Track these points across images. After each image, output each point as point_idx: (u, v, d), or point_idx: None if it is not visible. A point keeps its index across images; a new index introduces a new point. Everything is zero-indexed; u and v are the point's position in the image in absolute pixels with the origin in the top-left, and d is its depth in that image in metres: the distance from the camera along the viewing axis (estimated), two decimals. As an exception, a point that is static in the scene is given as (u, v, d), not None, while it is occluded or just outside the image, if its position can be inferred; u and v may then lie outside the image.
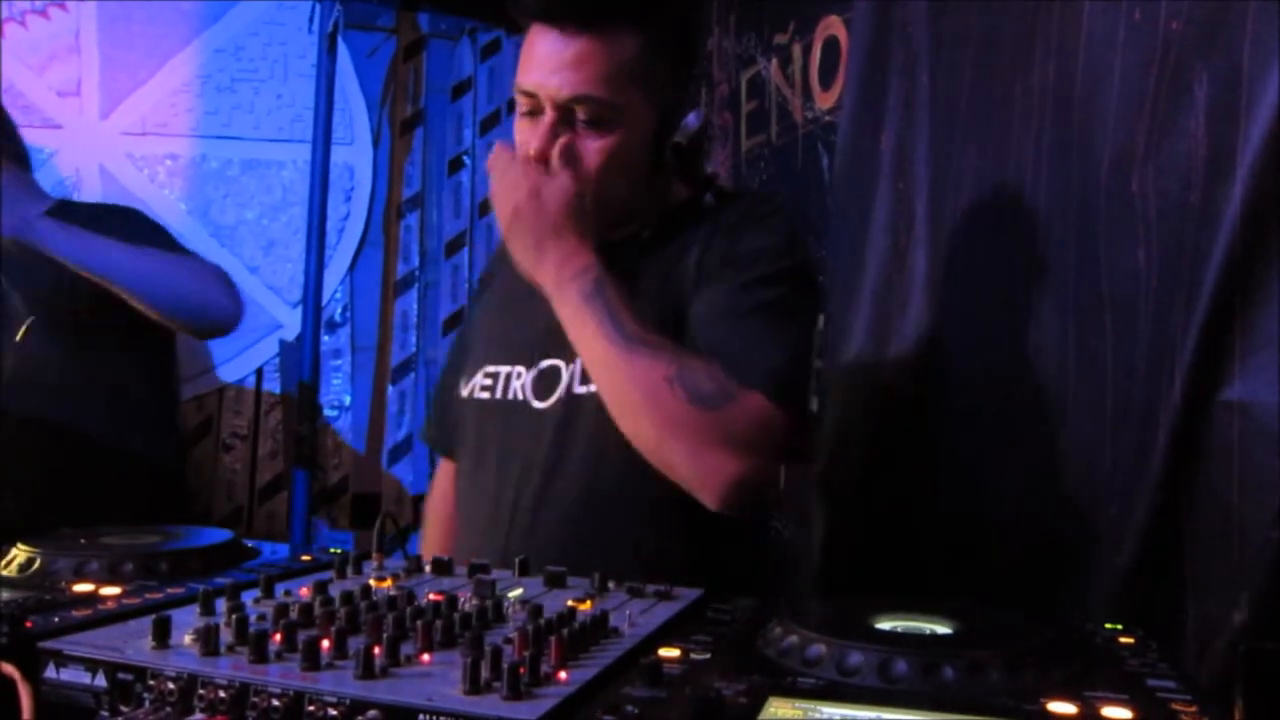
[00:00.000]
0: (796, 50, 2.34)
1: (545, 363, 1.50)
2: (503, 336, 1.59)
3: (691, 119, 1.46)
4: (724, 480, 1.29)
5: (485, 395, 1.55)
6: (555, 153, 1.39)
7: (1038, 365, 1.46)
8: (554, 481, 1.45)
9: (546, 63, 1.38)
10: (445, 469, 1.78)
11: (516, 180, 1.38)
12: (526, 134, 1.41)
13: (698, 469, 1.30)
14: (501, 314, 1.63)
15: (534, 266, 1.39)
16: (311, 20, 3.27)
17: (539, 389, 1.50)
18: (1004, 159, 1.56)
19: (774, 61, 2.47)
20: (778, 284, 1.39)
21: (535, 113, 1.41)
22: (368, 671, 0.74)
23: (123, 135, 3.32)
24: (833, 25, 2.18)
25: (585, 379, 1.43)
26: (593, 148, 1.40)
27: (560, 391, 1.47)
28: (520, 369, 1.53)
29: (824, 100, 2.21)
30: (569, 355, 1.46)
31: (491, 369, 1.56)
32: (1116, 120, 1.31)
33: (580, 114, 1.38)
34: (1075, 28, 1.40)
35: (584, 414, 1.44)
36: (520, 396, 1.51)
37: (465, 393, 1.59)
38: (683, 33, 1.50)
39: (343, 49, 3.31)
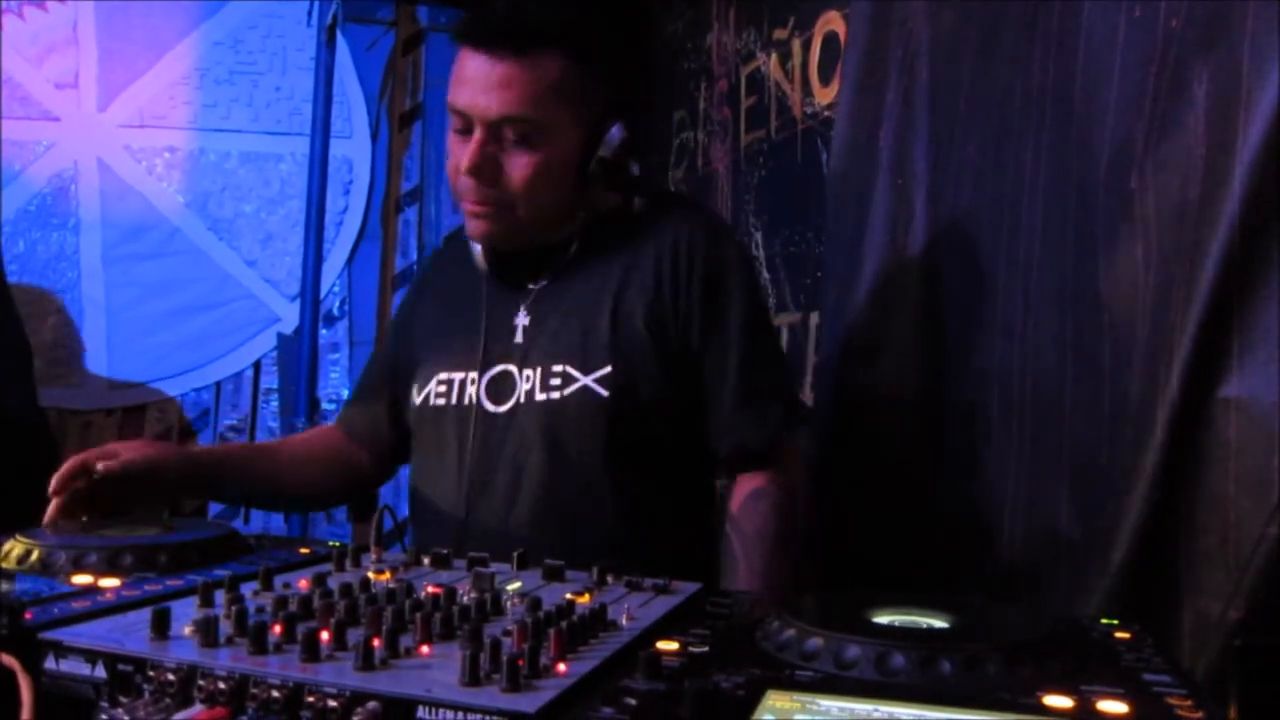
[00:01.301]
0: (796, 45, 2.34)
1: (497, 368, 1.57)
2: (452, 344, 1.65)
3: (614, 132, 1.53)
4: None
5: (441, 401, 1.61)
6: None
7: (1035, 362, 1.47)
8: (513, 481, 1.52)
9: (475, 83, 1.46)
10: (326, 427, 1.91)
11: None
12: (458, 151, 1.50)
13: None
14: (448, 321, 1.68)
15: None
16: (310, 13, 3.27)
17: (493, 393, 1.57)
18: (1003, 156, 1.56)
19: (773, 57, 2.47)
20: (755, 313, 1.58)
21: (467, 130, 1.48)
22: (367, 663, 0.74)
23: (121, 128, 3.32)
24: (832, 20, 2.18)
25: (546, 386, 1.52)
26: (520, 163, 1.48)
27: (518, 396, 1.54)
28: (473, 374, 1.59)
29: (823, 95, 2.21)
30: (520, 361, 1.56)
31: (445, 375, 1.62)
32: (1116, 118, 1.31)
33: (508, 132, 1.46)
34: (1075, 25, 1.39)
35: (544, 420, 1.52)
36: (474, 401, 1.57)
37: (419, 400, 1.64)
38: (607, 53, 1.58)
39: (341, 42, 3.31)
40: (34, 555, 1.10)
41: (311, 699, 0.71)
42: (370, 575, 1.06)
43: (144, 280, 3.33)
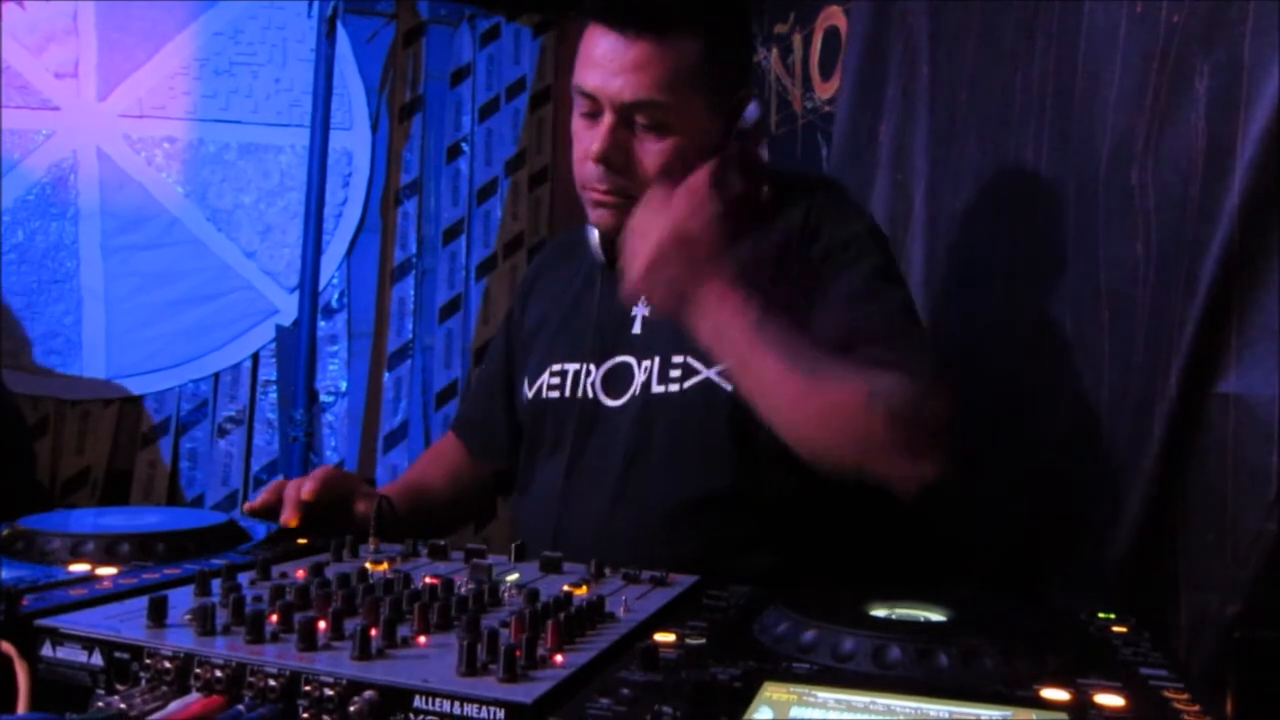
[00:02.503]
0: (797, 40, 2.34)
1: (614, 360, 1.49)
2: (565, 335, 1.57)
3: (751, 110, 1.44)
4: (928, 478, 1.22)
5: (555, 394, 1.53)
6: (701, 183, 1.30)
7: (1035, 356, 1.47)
8: (632, 481, 1.42)
9: (607, 65, 1.35)
10: (450, 440, 1.77)
11: (655, 215, 1.27)
12: (585, 136, 1.40)
13: (905, 474, 1.22)
14: (562, 313, 1.60)
15: (686, 304, 1.25)
16: (311, 5, 3.26)
17: (610, 386, 1.48)
18: (1003, 150, 1.56)
19: (774, 51, 2.46)
20: (882, 254, 1.39)
21: (594, 114, 1.38)
22: (364, 652, 0.74)
23: (120, 117, 3.32)
24: (833, 15, 2.18)
25: (664, 378, 1.41)
26: (652, 151, 1.37)
27: (635, 389, 1.45)
28: (590, 366, 1.50)
29: (824, 90, 2.21)
30: (638, 352, 1.46)
31: (558, 367, 1.54)
32: (1116, 113, 1.31)
33: (641, 118, 1.36)
34: (1076, 20, 1.39)
35: (663, 414, 1.42)
36: (591, 394, 1.49)
37: (531, 393, 1.57)
38: (743, 35, 1.49)
39: (342, 34, 3.30)
40: (32, 543, 1.10)
41: (308, 688, 0.71)
42: (368, 566, 1.06)
43: (143, 270, 3.32)
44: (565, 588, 0.98)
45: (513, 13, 3.59)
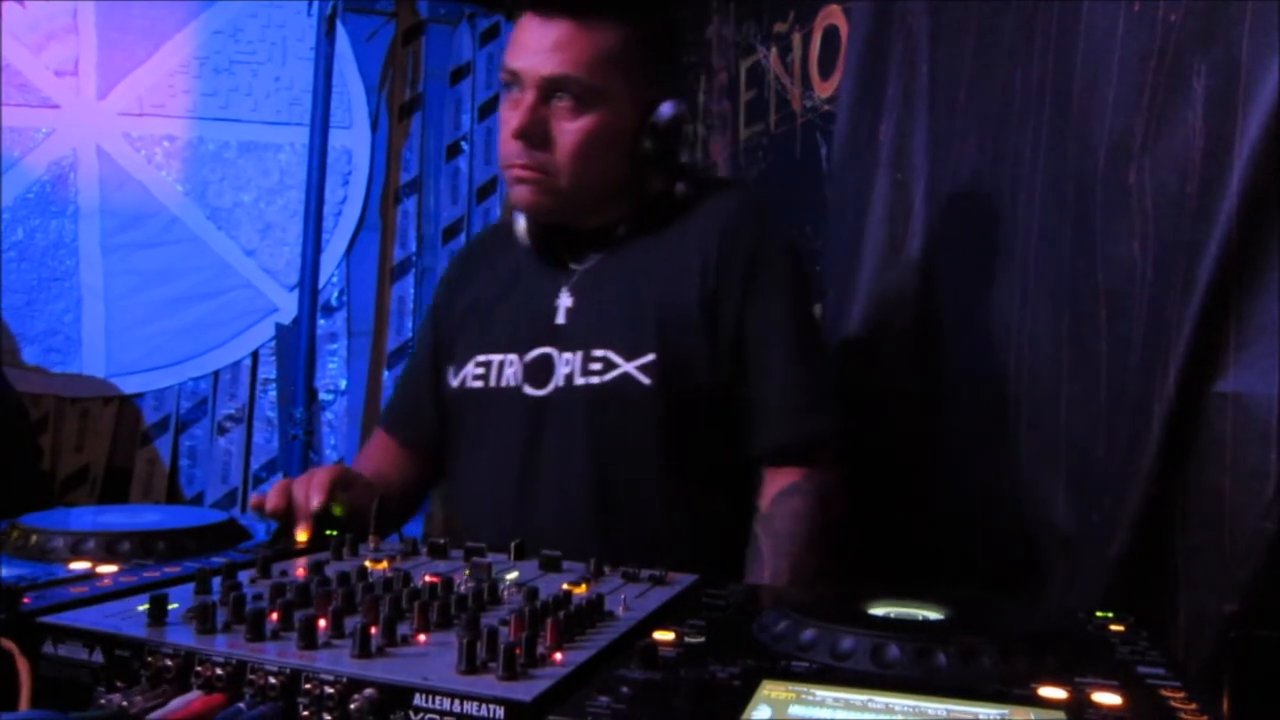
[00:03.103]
0: (796, 39, 2.34)
1: (537, 351, 1.52)
2: (490, 324, 1.60)
3: (667, 107, 1.50)
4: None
5: (479, 384, 1.56)
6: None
7: (1032, 356, 1.47)
8: (556, 470, 1.47)
9: (531, 45, 1.44)
10: (381, 437, 1.77)
11: None
12: (509, 116, 1.47)
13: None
14: (488, 306, 1.63)
15: None
16: (310, 3, 3.27)
17: (533, 376, 1.51)
18: (1002, 150, 1.56)
19: (773, 50, 2.46)
20: (802, 303, 1.53)
21: (518, 94, 1.46)
22: (364, 650, 0.74)
23: (120, 116, 3.32)
24: (832, 14, 2.18)
25: (586, 370, 1.46)
26: (571, 128, 1.45)
27: (558, 380, 1.49)
28: (512, 357, 1.54)
29: (823, 89, 2.21)
30: (562, 344, 1.50)
31: (483, 358, 1.57)
32: (1114, 112, 1.32)
33: (559, 97, 1.44)
34: (1074, 19, 1.40)
35: (587, 405, 1.46)
36: (513, 384, 1.52)
37: (456, 383, 1.59)
38: (666, 27, 1.56)
39: (341, 33, 3.31)
40: (33, 541, 1.10)
41: (309, 685, 0.71)
42: (368, 564, 1.06)
43: (142, 268, 3.33)
44: (564, 586, 0.98)
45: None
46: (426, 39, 3.57)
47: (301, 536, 1.28)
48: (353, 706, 0.69)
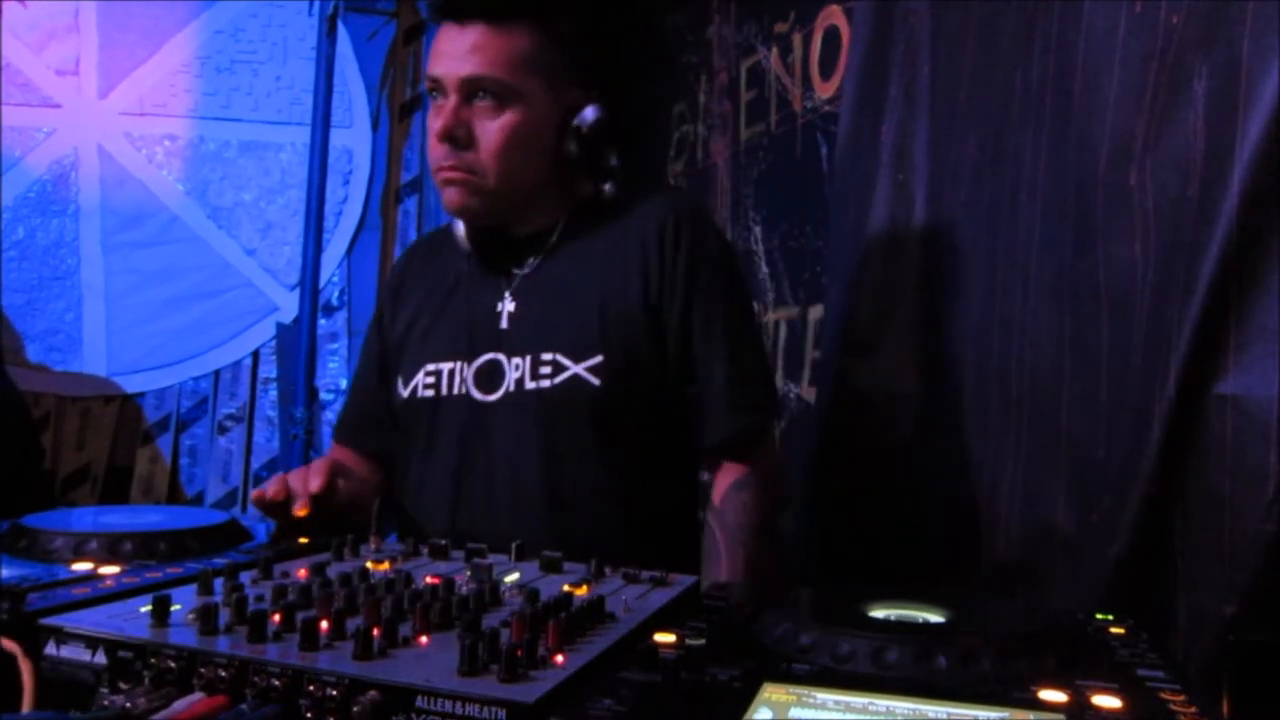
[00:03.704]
0: (797, 39, 2.34)
1: (484, 357, 1.56)
2: (436, 333, 1.63)
3: (589, 112, 1.55)
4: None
5: (429, 393, 1.59)
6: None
7: (1033, 356, 1.47)
8: (510, 475, 1.51)
9: (449, 50, 1.50)
10: (337, 450, 1.77)
11: None
12: (434, 122, 1.51)
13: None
14: (433, 314, 1.66)
15: None
16: (311, 3, 3.27)
17: (482, 382, 1.55)
18: (1003, 150, 1.56)
19: (774, 50, 2.46)
20: (741, 302, 1.62)
21: (441, 99, 1.50)
22: (366, 652, 0.74)
23: (121, 115, 3.32)
24: (833, 15, 2.18)
25: (536, 375, 1.51)
26: (492, 127, 1.49)
27: (508, 385, 1.53)
28: (461, 364, 1.57)
29: (824, 90, 2.21)
30: (508, 348, 1.54)
31: (432, 367, 1.60)
32: (1115, 113, 1.32)
33: (481, 95, 1.48)
34: (1075, 21, 1.40)
35: (536, 409, 1.50)
36: (463, 391, 1.55)
37: (406, 394, 1.61)
38: (581, 29, 1.59)
39: (342, 32, 3.31)
40: (35, 541, 1.10)
41: (311, 687, 0.72)
42: (369, 565, 1.07)
43: (143, 268, 3.33)
44: (565, 587, 0.98)
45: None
46: (427, 38, 3.57)
47: (300, 513, 1.30)
48: (355, 709, 0.69)
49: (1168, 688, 0.75)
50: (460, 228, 1.61)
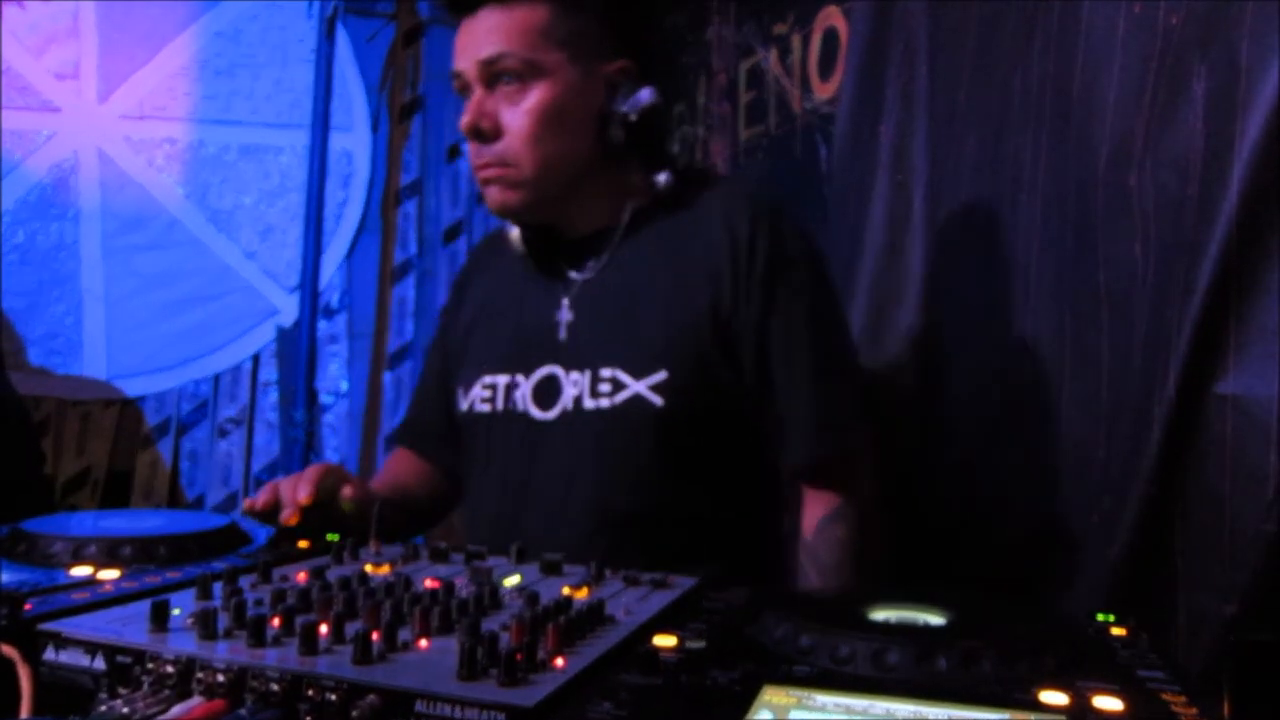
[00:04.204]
0: (796, 41, 2.34)
1: (543, 370, 1.47)
2: (494, 343, 1.56)
3: (644, 94, 1.44)
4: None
5: (486, 408, 1.52)
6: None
7: (1033, 357, 1.47)
8: (565, 495, 1.43)
9: (464, 43, 1.44)
10: (400, 453, 1.75)
11: None
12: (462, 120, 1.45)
13: None
14: (491, 321, 1.59)
15: None
16: (311, 5, 3.27)
17: (540, 398, 1.47)
18: (1002, 152, 1.56)
19: (773, 52, 2.46)
20: (828, 310, 1.47)
21: (466, 93, 1.44)
22: (365, 656, 0.74)
23: (121, 119, 3.32)
24: (832, 16, 2.18)
25: (595, 393, 1.42)
26: (519, 110, 1.41)
27: (566, 403, 1.44)
28: (519, 377, 1.49)
29: (823, 91, 2.21)
30: (566, 361, 1.46)
31: (489, 379, 1.53)
32: (1115, 114, 1.32)
33: (504, 79, 1.41)
34: (1075, 21, 1.40)
35: (595, 429, 1.42)
36: (521, 407, 1.48)
37: (465, 406, 1.56)
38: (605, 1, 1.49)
39: (342, 34, 3.31)
40: (34, 546, 1.10)
41: (310, 692, 0.71)
42: (368, 568, 1.06)
43: (143, 271, 3.33)
44: (565, 590, 0.98)
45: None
46: (427, 40, 3.57)
47: (290, 520, 1.27)
48: (354, 714, 0.69)
49: (1168, 689, 0.75)
50: (515, 230, 1.53)
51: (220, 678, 0.74)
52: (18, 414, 2.55)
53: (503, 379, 1.51)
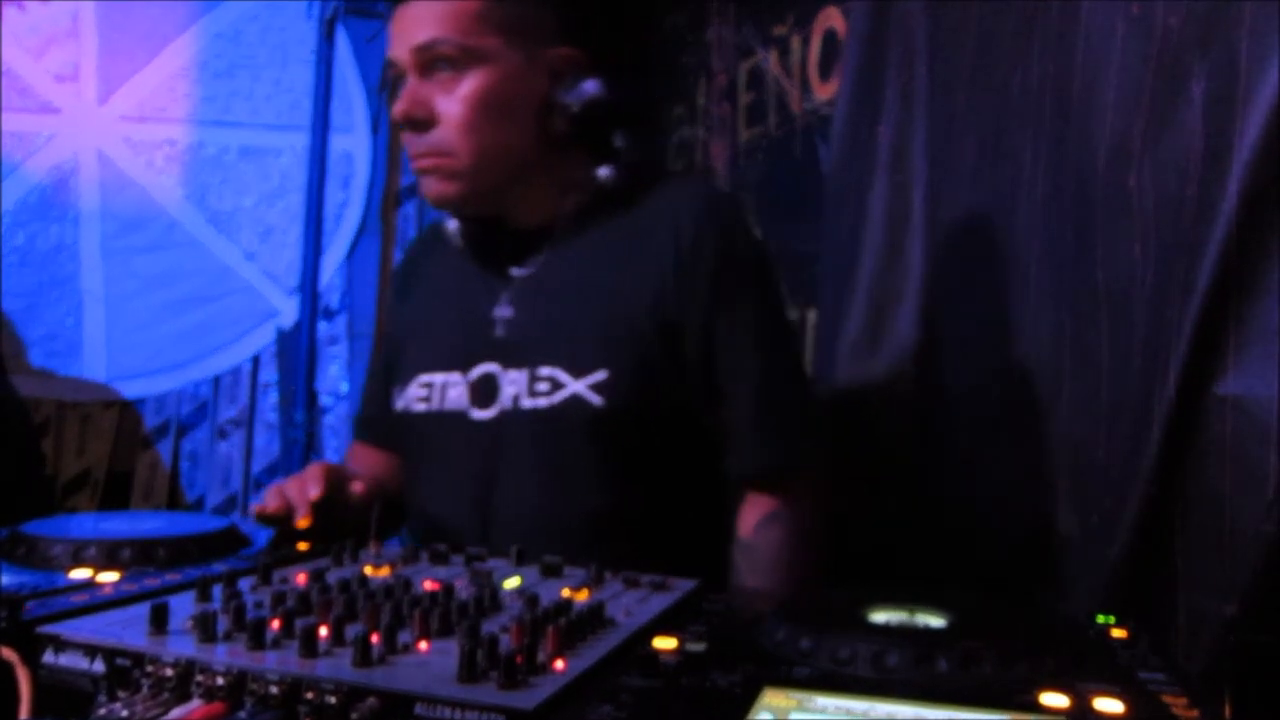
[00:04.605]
0: (795, 41, 2.34)
1: (480, 369, 1.44)
2: (431, 339, 1.52)
3: (589, 85, 1.41)
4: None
5: (422, 407, 1.49)
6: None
7: (1033, 358, 1.47)
8: (510, 497, 1.41)
9: (398, 29, 1.39)
10: (359, 447, 1.71)
11: None
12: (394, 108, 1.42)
13: None
14: (430, 316, 1.56)
15: None
16: (310, 6, 3.27)
17: (478, 397, 1.44)
18: (1001, 152, 1.56)
19: (773, 52, 2.46)
20: (773, 313, 1.47)
21: (400, 82, 1.40)
22: (365, 658, 0.74)
23: (121, 120, 3.32)
24: (832, 17, 2.18)
25: (533, 392, 1.39)
26: (455, 98, 1.38)
27: (504, 402, 1.42)
28: (455, 375, 1.46)
29: (822, 92, 2.21)
30: (504, 359, 1.43)
31: (426, 378, 1.50)
32: (1114, 114, 1.32)
33: (439, 66, 1.37)
34: (1073, 22, 1.40)
35: (534, 430, 1.39)
36: (458, 406, 1.45)
37: (401, 405, 1.52)
38: None
39: (342, 35, 3.31)
40: (34, 548, 1.10)
41: (310, 694, 0.71)
42: (368, 570, 1.06)
43: (143, 273, 3.33)
44: (565, 592, 0.98)
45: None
46: (426, 42, 3.57)
47: (303, 524, 1.25)
48: (354, 716, 0.69)
49: (1169, 690, 0.75)
50: (452, 223, 1.50)
51: (220, 680, 0.74)
52: (18, 415, 2.55)
53: (439, 377, 1.48)
